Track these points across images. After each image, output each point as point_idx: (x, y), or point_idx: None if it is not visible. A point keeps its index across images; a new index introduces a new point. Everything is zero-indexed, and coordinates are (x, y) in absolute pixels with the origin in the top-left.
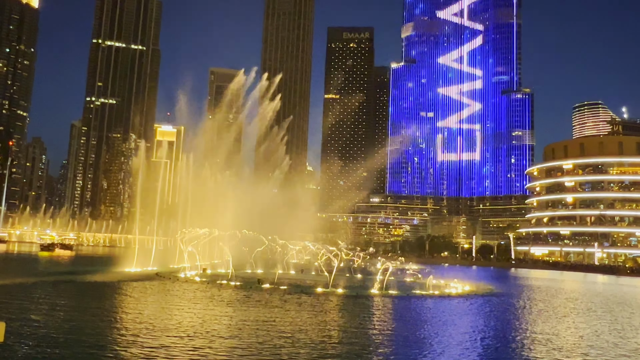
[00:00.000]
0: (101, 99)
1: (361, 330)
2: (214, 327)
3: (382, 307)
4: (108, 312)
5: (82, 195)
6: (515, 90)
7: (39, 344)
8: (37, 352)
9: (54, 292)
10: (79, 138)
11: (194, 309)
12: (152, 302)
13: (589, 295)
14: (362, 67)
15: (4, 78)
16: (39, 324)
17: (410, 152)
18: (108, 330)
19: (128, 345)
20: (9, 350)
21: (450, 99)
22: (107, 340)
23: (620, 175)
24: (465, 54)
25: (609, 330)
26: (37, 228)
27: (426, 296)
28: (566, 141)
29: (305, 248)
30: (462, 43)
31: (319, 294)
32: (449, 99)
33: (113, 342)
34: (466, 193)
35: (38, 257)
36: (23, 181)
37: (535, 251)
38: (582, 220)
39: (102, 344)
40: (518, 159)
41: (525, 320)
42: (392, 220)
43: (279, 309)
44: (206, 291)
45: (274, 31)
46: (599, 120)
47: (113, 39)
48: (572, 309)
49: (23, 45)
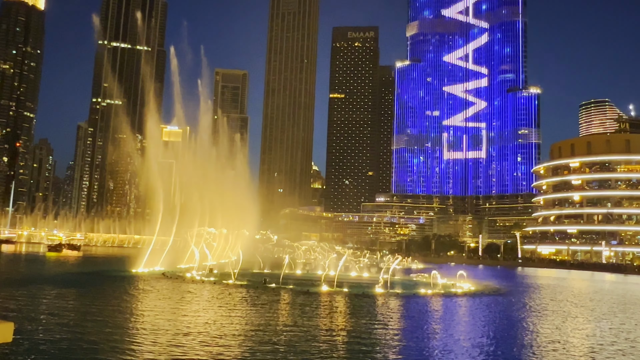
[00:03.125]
0: (107, 100)
1: (367, 329)
2: (218, 328)
3: (387, 306)
4: (113, 313)
5: (89, 196)
6: (521, 88)
7: (44, 345)
8: (42, 351)
9: (58, 293)
10: (85, 139)
11: (197, 309)
12: (154, 302)
13: (601, 295)
14: (367, 66)
15: (11, 80)
16: (41, 324)
17: (415, 150)
18: (113, 333)
19: (128, 347)
20: (16, 351)
21: (456, 97)
22: (109, 343)
23: (628, 173)
24: (470, 53)
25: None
26: (44, 229)
27: (432, 295)
28: (573, 139)
29: (311, 248)
30: (467, 41)
31: (324, 293)
32: (455, 97)
33: (114, 344)
34: (472, 192)
35: (45, 258)
36: (30, 182)
37: (543, 250)
38: (589, 218)
39: (103, 347)
40: (524, 158)
41: (531, 319)
42: (398, 219)
43: (283, 307)
44: (211, 291)
45: (279, 31)
46: (605, 118)
47: (118, 40)
48: (582, 308)
49: (29, 47)
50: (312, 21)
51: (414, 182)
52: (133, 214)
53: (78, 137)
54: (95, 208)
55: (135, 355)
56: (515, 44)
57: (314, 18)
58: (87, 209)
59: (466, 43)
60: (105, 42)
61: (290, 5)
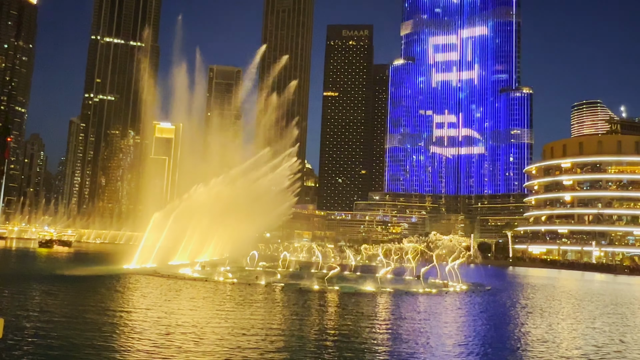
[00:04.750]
0: (100, 96)
1: (357, 327)
2: (205, 325)
3: (379, 304)
4: (104, 308)
5: (81, 192)
6: (514, 88)
7: (34, 341)
8: (34, 348)
9: (46, 288)
10: (77, 134)
11: (185, 306)
12: (144, 298)
13: (590, 294)
14: (361, 64)
15: (2, 74)
16: (30, 321)
17: (408, 149)
18: (103, 327)
19: (115, 345)
20: (8, 348)
21: (449, 96)
22: (98, 339)
23: (619, 174)
24: (464, 52)
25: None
26: (35, 224)
27: (423, 294)
28: (565, 140)
29: (304, 246)
30: (461, 41)
31: (315, 291)
32: (448, 96)
33: (102, 341)
34: (464, 191)
35: (36, 254)
36: (21, 177)
37: (533, 249)
38: (580, 218)
39: (93, 342)
40: (516, 158)
41: (521, 318)
42: (391, 218)
43: (272, 305)
44: (201, 288)
45: (273, 28)
46: (597, 119)
47: (112, 36)
48: (571, 306)
49: (21, 42)
50: (306, 19)
51: (406, 180)
52: (125, 210)
53: (70, 133)
54: (86, 204)
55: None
56: (508, 44)
57: (308, 16)
58: (78, 205)
59: (460, 43)
60: (98, 38)
61: (285, 3)
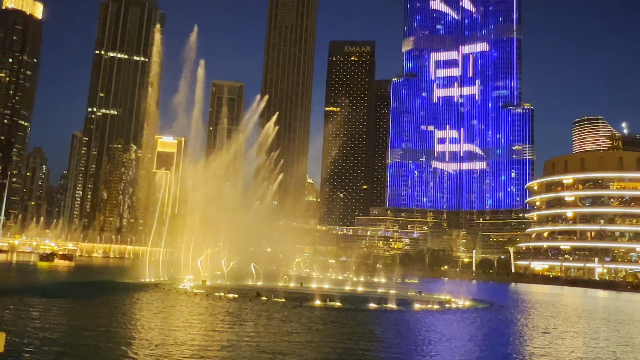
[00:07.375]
0: (103, 110)
1: (359, 344)
2: (207, 340)
3: (379, 321)
4: (102, 325)
5: (82, 206)
6: (515, 104)
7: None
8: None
9: (46, 304)
10: (79, 148)
11: (184, 321)
12: (143, 314)
13: (594, 312)
14: (363, 80)
15: (7, 88)
16: (29, 337)
17: (410, 165)
18: (101, 344)
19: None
20: None
21: (451, 112)
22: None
23: (621, 190)
24: (465, 68)
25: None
26: (36, 238)
27: (424, 310)
28: (566, 156)
29: (305, 261)
30: (462, 57)
31: (316, 307)
32: (449, 112)
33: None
34: (466, 207)
35: (36, 267)
36: (23, 191)
37: (536, 266)
38: (582, 235)
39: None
40: (518, 173)
41: (522, 336)
42: (392, 233)
43: (271, 321)
44: (200, 303)
45: (276, 44)
46: (599, 135)
47: (115, 50)
48: (576, 325)
49: (26, 56)
50: (309, 35)
51: (408, 196)
52: (126, 224)
53: (73, 147)
54: (88, 218)
55: None
56: (510, 61)
57: (311, 32)
58: (80, 219)
59: (461, 59)
60: (102, 52)
61: (288, 19)
